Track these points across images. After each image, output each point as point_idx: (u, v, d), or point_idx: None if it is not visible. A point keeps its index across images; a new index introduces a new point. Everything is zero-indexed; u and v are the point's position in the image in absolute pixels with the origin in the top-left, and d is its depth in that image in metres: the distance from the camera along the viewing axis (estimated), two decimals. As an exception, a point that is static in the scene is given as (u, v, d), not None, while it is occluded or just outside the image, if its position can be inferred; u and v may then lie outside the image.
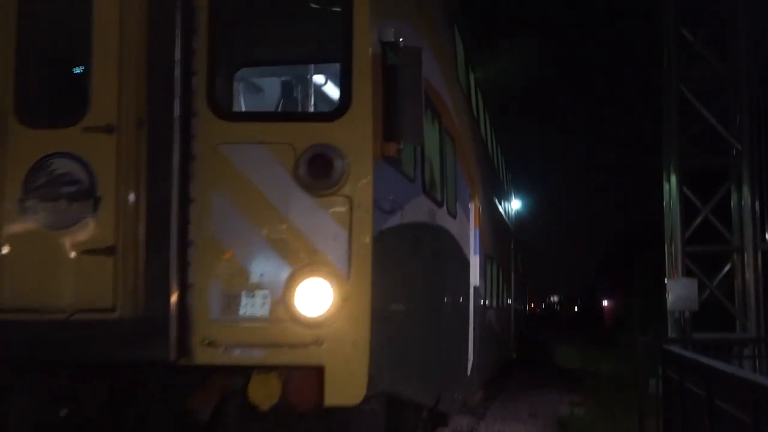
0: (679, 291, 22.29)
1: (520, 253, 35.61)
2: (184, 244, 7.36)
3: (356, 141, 7.43)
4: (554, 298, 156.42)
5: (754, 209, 22.84)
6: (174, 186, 7.32)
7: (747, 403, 9.48)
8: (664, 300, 22.74)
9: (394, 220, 8.30)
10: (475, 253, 15.23)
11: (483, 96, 19.51)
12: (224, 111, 7.73)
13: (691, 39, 23.21)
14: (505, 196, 28.26)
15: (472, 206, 14.94)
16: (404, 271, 8.98)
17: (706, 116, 23.04)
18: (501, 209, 25.52)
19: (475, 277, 15.17)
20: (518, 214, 36.18)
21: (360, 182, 7.39)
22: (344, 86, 7.66)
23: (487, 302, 18.24)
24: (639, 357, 20.41)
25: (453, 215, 12.10)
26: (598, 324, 67.84)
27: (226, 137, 7.53)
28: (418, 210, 9.45)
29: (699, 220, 23.21)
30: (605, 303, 74.22)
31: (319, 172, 7.29)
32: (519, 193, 37.14)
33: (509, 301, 27.85)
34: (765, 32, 23.15)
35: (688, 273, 22.81)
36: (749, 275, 22.76)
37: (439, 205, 10.90)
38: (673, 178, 23.21)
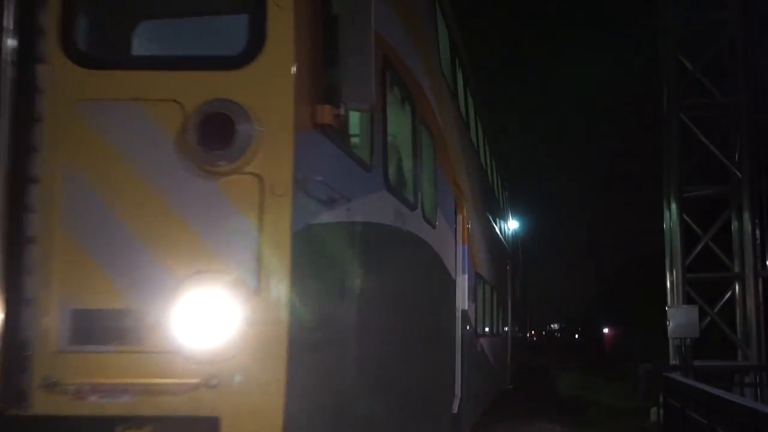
0: (679, 318, 20.44)
1: (518, 277, 31.79)
2: (20, 242, 4.57)
3: (271, 98, 4.73)
4: (555, 326, 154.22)
5: (755, 236, 21.12)
6: (3, 160, 4.62)
7: (748, 431, 9.38)
8: (665, 327, 20.85)
9: (335, 215, 5.46)
10: (463, 273, 11.92)
11: (475, 100, 16.03)
12: (85, 56, 4.86)
13: (691, 67, 21.57)
14: (501, 215, 24.08)
15: (459, 218, 11.78)
16: (351, 284, 5.95)
17: (706, 144, 21.39)
18: (496, 229, 21.49)
19: (463, 300, 11.83)
20: (516, 237, 32.21)
21: (275, 156, 4.68)
22: (255, 19, 4.87)
23: (478, 328, 14.52)
24: (640, 385, 19.17)
25: (432, 224, 9.14)
26: (598, 352, 65.66)
27: (86, 92, 4.79)
28: (377, 208, 6.62)
29: (699, 247, 21.46)
30: (606, 330, 72.05)
31: (215, 140, 4.58)
32: (518, 217, 34.28)
33: (505, 328, 23.56)
34: (764, 60, 21.39)
35: (688, 300, 21.07)
36: (750, 302, 20.99)
37: (412, 208, 7.97)
38: (674, 206, 21.49)
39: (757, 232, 21.15)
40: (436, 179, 9.56)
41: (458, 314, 11.55)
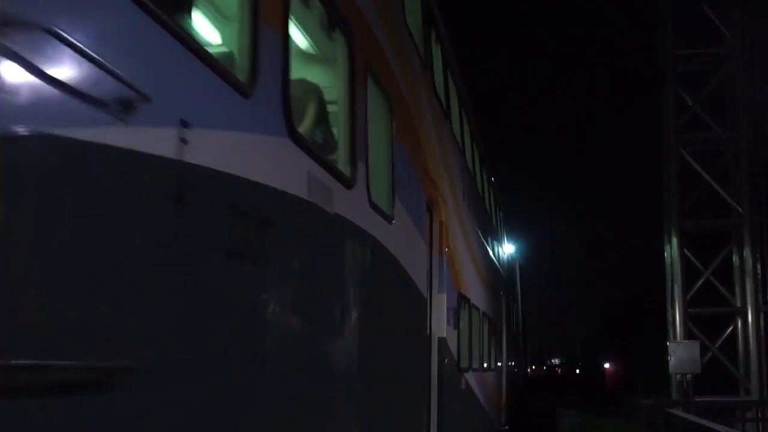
0: (680, 354, 20.53)
1: (515, 308, 29.87)
2: None
3: None
4: (555, 361, 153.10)
5: (756, 271, 21.23)
6: None
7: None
8: (666, 362, 20.88)
9: (133, 136, 2.83)
10: (440, 291, 9.72)
11: (458, 90, 13.79)
12: None
13: (690, 102, 21.80)
14: (494, 236, 21.57)
15: (435, 222, 9.65)
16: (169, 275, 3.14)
17: (706, 179, 21.58)
18: (489, 250, 19.03)
19: (440, 325, 9.58)
20: (513, 264, 31.25)
21: None
22: None
23: (462, 361, 11.94)
24: (641, 421, 18.95)
25: (386, 217, 6.75)
26: (599, 387, 65.52)
27: None
28: (266, 162, 4.14)
29: (700, 282, 21.56)
30: (607, 366, 71.84)
31: None
32: (515, 243, 32.98)
33: (499, 363, 20.95)
34: (763, 95, 21.68)
35: (689, 335, 21.16)
36: (752, 337, 21.11)
37: (347, 184, 5.54)
38: (674, 240, 21.60)
39: (758, 266, 21.26)
40: (392, 157, 7.24)
41: (434, 342, 9.44)
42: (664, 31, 22.14)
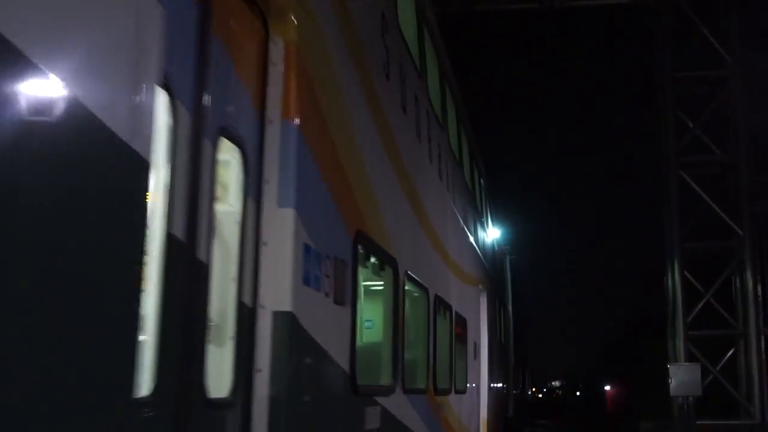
0: (681, 376, 20.88)
1: (503, 311, 24.86)
2: None
3: None
4: (556, 383, 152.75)
5: (756, 294, 21.67)
6: None
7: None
8: (667, 385, 21.18)
9: None
10: (284, 203, 4.68)
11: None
12: None
13: (691, 125, 22.25)
14: (469, 202, 16.20)
15: (275, 46, 4.74)
16: None
17: (707, 201, 22.02)
18: (458, 215, 13.61)
19: (280, 283, 4.56)
20: (501, 257, 27.34)
21: None
22: None
23: (372, 376, 7.55)
24: None
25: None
26: (600, 410, 65.74)
27: None
28: None
29: (701, 304, 21.95)
30: (607, 388, 72.08)
31: None
32: (509, 241, 30.70)
33: (473, 383, 14.97)
34: (764, 117, 22.10)
35: (690, 358, 21.54)
36: (753, 360, 21.51)
37: None
38: (675, 262, 22.03)
39: (759, 289, 21.69)
40: None
41: (263, 325, 4.53)
42: (663, 54, 22.60)
